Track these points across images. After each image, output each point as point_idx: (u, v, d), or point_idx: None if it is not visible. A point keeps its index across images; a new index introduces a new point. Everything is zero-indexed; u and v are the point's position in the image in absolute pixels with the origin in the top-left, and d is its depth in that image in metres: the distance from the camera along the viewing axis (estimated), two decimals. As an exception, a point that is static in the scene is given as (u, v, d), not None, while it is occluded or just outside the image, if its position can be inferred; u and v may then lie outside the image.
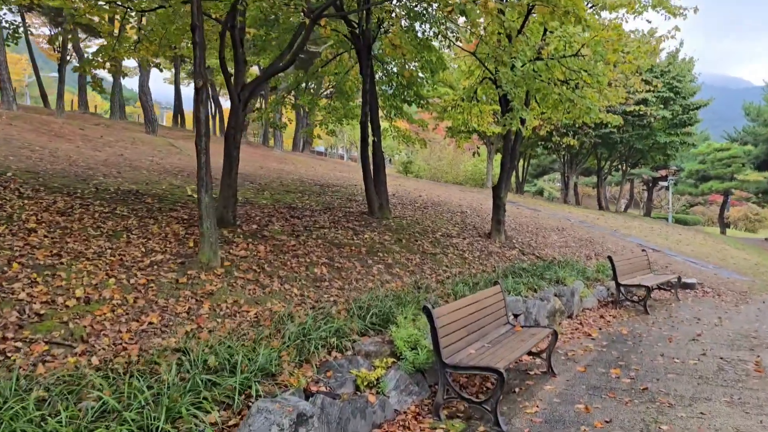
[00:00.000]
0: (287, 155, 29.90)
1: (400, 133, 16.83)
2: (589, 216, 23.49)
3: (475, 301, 5.91)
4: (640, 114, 25.35)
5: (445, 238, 12.22)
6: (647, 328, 8.97)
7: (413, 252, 10.46)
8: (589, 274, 11.91)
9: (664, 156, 32.23)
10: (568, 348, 7.64)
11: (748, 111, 39.22)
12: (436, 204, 17.54)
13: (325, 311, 6.29)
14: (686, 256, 17.31)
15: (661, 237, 20.75)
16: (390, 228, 11.99)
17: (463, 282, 9.03)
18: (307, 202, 13.72)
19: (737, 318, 9.94)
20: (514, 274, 10.27)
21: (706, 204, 69.04)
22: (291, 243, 9.24)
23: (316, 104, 16.17)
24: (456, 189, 25.83)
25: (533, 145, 33.54)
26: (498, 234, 13.31)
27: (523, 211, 20.14)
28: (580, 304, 10.25)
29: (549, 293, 9.44)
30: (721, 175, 48.14)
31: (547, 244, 14.49)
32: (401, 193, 19.39)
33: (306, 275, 7.80)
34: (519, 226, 15.99)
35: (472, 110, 15.85)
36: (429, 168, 57.02)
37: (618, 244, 16.94)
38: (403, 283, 8.57)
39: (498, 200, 13.30)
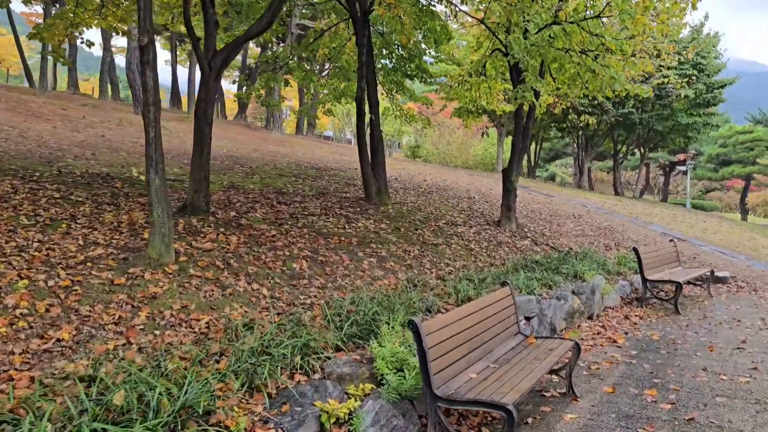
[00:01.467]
0: (287, 138, 28.78)
1: (402, 111, 15.70)
2: (606, 202, 22.23)
3: (477, 308, 4.78)
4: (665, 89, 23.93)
5: (449, 227, 11.08)
6: (681, 333, 7.81)
7: (412, 243, 9.33)
8: (609, 267, 10.75)
9: (684, 138, 30.78)
10: (590, 359, 6.50)
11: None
12: (442, 189, 16.38)
13: (295, 318, 5.19)
14: (715, 246, 16.07)
15: (685, 225, 19.47)
16: (388, 215, 10.86)
17: (467, 278, 7.91)
18: (299, 187, 12.62)
19: (783, 319, 8.76)
20: (526, 268, 9.13)
21: (724, 189, 67.47)
22: (271, 233, 8.14)
23: (312, 81, 14.98)
24: (464, 173, 24.63)
25: (546, 127, 32.21)
26: (508, 222, 12.14)
27: (535, 197, 18.93)
28: (601, 303, 9.10)
29: (566, 291, 8.30)
30: (743, 159, 46.58)
31: (562, 232, 13.31)
32: (404, 176, 18.24)
33: (282, 272, 6.70)
34: (531, 213, 14.81)
35: (481, 86, 14.65)
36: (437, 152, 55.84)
37: (640, 233, 15.73)
38: (397, 279, 7.46)
39: (508, 184, 12.12)
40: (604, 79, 9.45)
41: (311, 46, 14.13)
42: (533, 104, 11.35)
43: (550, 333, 7.41)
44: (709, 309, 9.55)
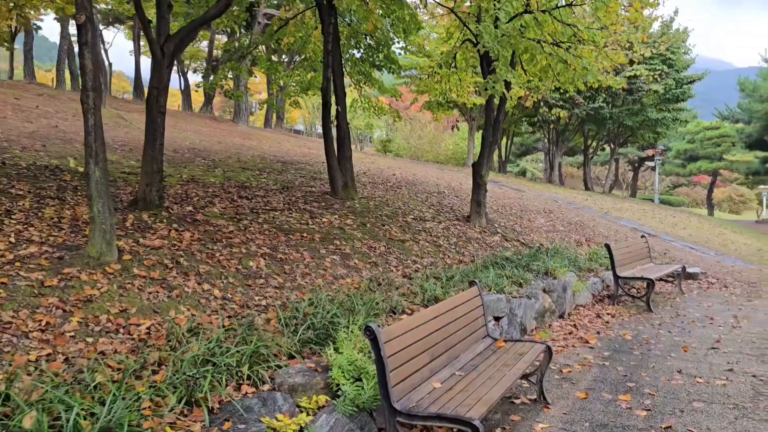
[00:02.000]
0: (254, 131, 28.15)
1: (370, 104, 15.32)
2: (576, 197, 22.18)
3: (443, 311, 4.45)
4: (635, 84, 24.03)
5: (417, 222, 10.76)
6: (654, 332, 7.61)
7: (378, 239, 8.98)
8: (581, 264, 10.55)
9: (654, 134, 30.99)
10: (562, 361, 6.23)
11: (744, 86, 38.15)
12: (411, 183, 16.06)
13: (247, 322, 4.80)
14: (684, 242, 16.07)
15: (655, 220, 19.49)
16: (354, 210, 10.50)
17: (434, 277, 7.60)
18: (263, 181, 12.17)
19: (756, 317, 8.63)
20: (496, 265, 8.86)
21: (690, 185, 68.66)
22: (228, 229, 7.72)
23: (277, 72, 14.50)
24: (434, 168, 24.37)
25: (517, 121, 32.13)
26: (478, 217, 11.88)
27: (506, 192, 18.75)
28: (572, 301, 8.87)
29: (537, 289, 8.05)
30: (710, 155, 47.35)
31: (533, 228, 13.10)
32: (373, 171, 17.88)
33: (237, 270, 6.29)
34: (502, 208, 14.58)
35: (451, 78, 14.37)
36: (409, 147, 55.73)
37: (611, 228, 15.63)
38: (361, 278, 7.10)
39: (478, 179, 11.85)
40: (577, 70, 9.21)
41: (276, 35, 13.66)
42: (504, 96, 11.08)
43: (521, 333, 7.14)
44: (681, 306, 9.41)
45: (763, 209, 57.58)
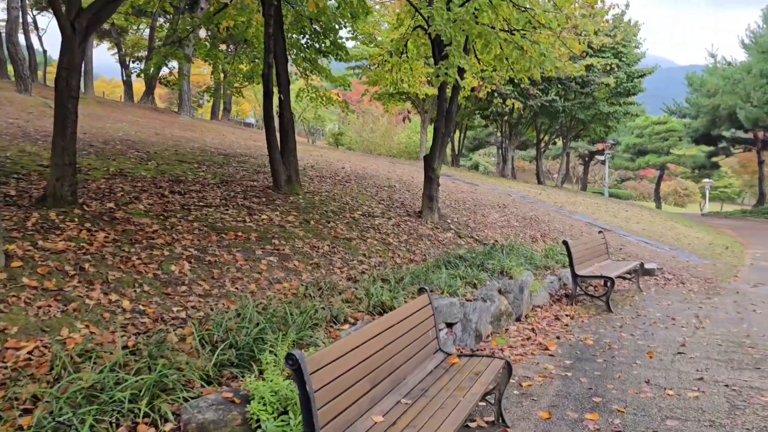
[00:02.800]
0: (198, 123, 26.98)
1: (318, 93, 14.60)
2: (530, 191, 21.91)
3: (387, 326, 3.80)
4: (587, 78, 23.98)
5: (365, 219, 10.11)
6: (616, 335, 7.15)
7: (322, 237, 8.29)
8: (537, 261, 10.09)
9: (605, 127, 31.13)
10: (521, 372, 5.68)
11: (691, 81, 38.75)
12: (361, 177, 15.40)
13: (156, 340, 4.06)
14: (639, 236, 15.88)
15: (609, 214, 19.34)
16: (297, 206, 9.77)
17: (382, 279, 6.95)
18: (201, 175, 11.31)
19: (717, 316, 8.30)
20: (449, 264, 8.29)
21: (638, 179, 70.23)
22: (152, 228, 6.91)
23: (217, 58, 13.60)
24: (386, 161, 23.76)
25: (470, 114, 31.79)
26: (430, 213, 11.30)
27: (459, 186, 18.27)
28: (529, 302, 8.37)
29: (492, 290, 7.50)
30: (658, 149, 48.23)
31: (487, 223, 12.62)
32: (322, 164, 17.13)
33: (155, 276, 5.52)
34: (455, 203, 14.06)
35: (402, 67, 13.74)
36: (361, 140, 55.11)
37: (565, 223, 15.31)
38: (300, 282, 6.41)
39: (430, 172, 11.28)
40: (533, 57, 8.70)
41: (215, 18, 12.75)
42: (457, 84, 10.53)
43: (476, 340, 6.57)
44: (641, 305, 9.03)
45: (706, 202, 59.29)
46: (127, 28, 36.94)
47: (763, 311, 8.68)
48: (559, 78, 25.38)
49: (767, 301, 9.53)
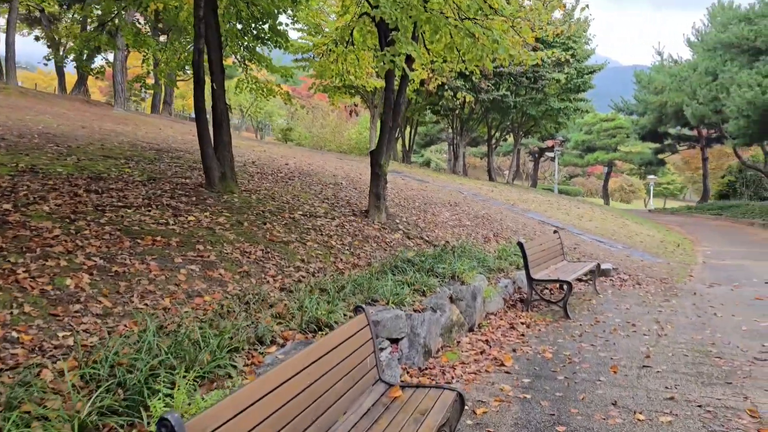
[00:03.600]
0: (134, 116, 25.60)
1: (258, 84, 13.74)
2: (482, 188, 21.49)
3: (312, 360, 3.08)
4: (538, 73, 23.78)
5: (306, 219, 9.35)
6: (576, 346, 6.61)
7: (255, 241, 7.50)
8: (490, 263, 9.54)
9: (555, 124, 31.10)
10: (475, 395, 5.04)
11: (639, 78, 39.21)
12: (306, 174, 14.60)
13: (17, 381, 3.24)
14: (592, 234, 15.58)
15: (561, 212, 19.06)
16: (231, 206, 8.95)
17: (321, 288, 6.23)
18: (127, 171, 10.34)
19: (679, 321, 7.88)
20: (396, 269, 7.63)
21: (585, 175, 71.40)
22: (53, 233, 6.01)
23: (146, 44, 12.55)
24: (334, 157, 22.98)
25: (421, 109, 31.27)
26: (377, 212, 10.62)
27: (409, 183, 17.66)
28: (483, 309, 7.78)
29: (443, 298, 6.86)
30: (606, 145, 48.87)
31: (437, 223, 12.01)
32: (264, 160, 16.24)
33: (41, 293, 4.65)
34: (404, 201, 13.42)
35: (348, 57, 13.03)
36: (311, 136, 54.27)
37: (518, 222, 14.86)
38: (225, 294, 5.63)
39: (377, 169, 10.60)
40: (485, 44, 8.09)
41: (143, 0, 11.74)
42: (405, 75, 9.88)
43: (424, 357, 5.91)
44: (598, 310, 8.56)
45: (650, 198, 60.60)
46: (60, 16, 35.03)
47: (724, 315, 8.32)
48: (511, 73, 25.10)
49: (726, 303, 9.21)
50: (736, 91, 22.05)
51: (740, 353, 6.37)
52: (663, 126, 38.59)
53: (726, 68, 24.15)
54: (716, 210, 33.25)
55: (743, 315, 8.31)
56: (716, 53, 26.58)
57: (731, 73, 23.49)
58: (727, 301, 9.36)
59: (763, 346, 6.65)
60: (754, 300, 9.46)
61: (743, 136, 24.66)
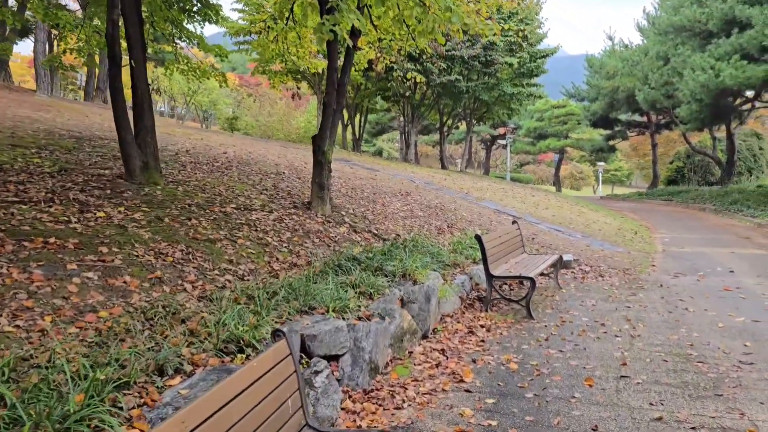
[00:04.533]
0: (59, 103, 23.82)
1: (190, 65, 12.65)
2: (434, 176, 20.76)
3: (216, 407, 2.18)
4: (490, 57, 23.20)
5: (240, 213, 8.38)
6: (543, 353, 5.88)
7: (176, 240, 6.50)
8: (445, 258, 8.77)
9: (508, 110, 30.65)
10: (429, 424, 4.23)
11: (591, 63, 39.13)
12: (245, 163, 13.55)
13: None
14: (550, 224, 15.02)
15: (517, 200, 18.49)
16: (152, 199, 7.90)
17: (249, 295, 5.32)
18: (35, 161, 9.14)
19: (650, 319, 7.27)
20: (339, 268, 6.78)
21: (536, 163, 71.91)
22: None
23: (56, 18, 11.27)
24: (278, 145, 21.86)
25: (370, 95, 30.36)
26: (321, 204, 9.72)
27: (358, 172, 16.77)
28: (438, 312, 6.99)
29: (392, 302, 6.05)
30: (558, 132, 48.97)
31: (387, 214, 11.18)
32: (201, 149, 15.08)
33: None
34: (352, 191, 12.53)
35: (288, 35, 12.09)
36: (258, 125, 52.92)
37: (473, 211, 14.16)
38: (127, 307, 4.65)
39: (320, 155, 9.70)
40: (438, 14, 7.25)
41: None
42: (350, 51, 9.00)
43: (370, 375, 5.06)
44: (563, 307, 7.88)
45: (599, 185, 61.32)
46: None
47: (696, 310, 7.75)
48: (462, 56, 24.41)
49: (695, 295, 8.68)
50: (690, 75, 21.90)
51: (723, 356, 5.75)
52: (614, 112, 38.68)
53: (679, 51, 24.03)
54: (667, 196, 33.49)
55: (716, 309, 7.76)
56: (667, 37, 26.51)
57: (684, 56, 23.38)
58: (696, 293, 8.83)
59: (746, 347, 6.07)
60: (723, 291, 8.97)
61: (695, 120, 24.67)
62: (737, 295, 8.65)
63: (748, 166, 38.05)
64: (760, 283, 9.68)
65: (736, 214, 22.10)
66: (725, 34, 22.26)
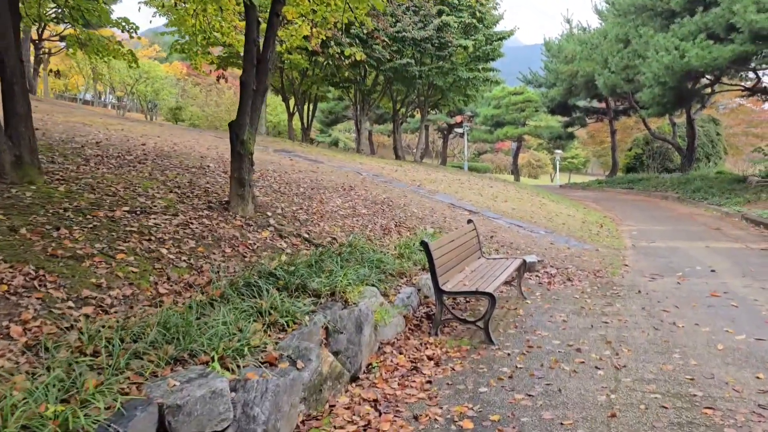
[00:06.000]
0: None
1: (100, 44, 10.95)
2: (385, 168, 19.36)
3: None
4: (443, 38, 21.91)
5: (133, 218, 6.82)
6: (506, 400, 4.54)
7: (24, 259, 4.94)
8: (388, 266, 7.43)
9: (464, 96, 29.40)
10: None
11: (549, 47, 38.24)
12: (165, 156, 11.92)
13: None
14: (510, 218, 13.79)
15: (473, 192, 17.22)
16: (17, 203, 6.30)
17: (107, 338, 3.82)
18: None
19: (634, 340, 6.03)
20: (249, 288, 5.37)
21: (494, 152, 71.33)
22: None
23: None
24: (211, 136, 20.13)
25: (318, 82, 28.75)
26: (241, 203, 8.23)
27: (298, 164, 15.25)
28: (374, 342, 5.60)
29: (313, 334, 4.68)
30: (516, 120, 48.14)
31: (325, 213, 9.74)
32: (116, 140, 13.36)
33: None
34: (286, 187, 11.04)
35: (208, 7, 10.56)
36: (204, 115, 50.91)
37: (425, 207, 12.82)
38: None
39: (239, 146, 8.21)
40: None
41: None
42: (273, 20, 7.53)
43: (268, 453, 3.64)
44: (528, 325, 6.59)
45: (557, 173, 60.98)
46: None
47: (686, 325, 6.56)
48: (414, 38, 23.00)
49: (680, 304, 7.51)
50: (654, 56, 20.97)
51: (736, 397, 4.52)
52: (573, 98, 37.90)
53: (641, 32, 23.11)
54: (627, 184, 32.87)
55: (708, 323, 6.59)
56: (628, 18, 25.64)
57: (646, 37, 22.46)
58: (681, 301, 7.67)
59: (759, 380, 4.87)
60: (710, 298, 7.84)
61: (657, 105, 23.86)
62: (728, 303, 7.52)
63: (707, 152, 37.84)
64: (748, 285, 8.60)
65: (700, 203, 21.37)
66: (689, 13, 21.50)
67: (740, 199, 19.46)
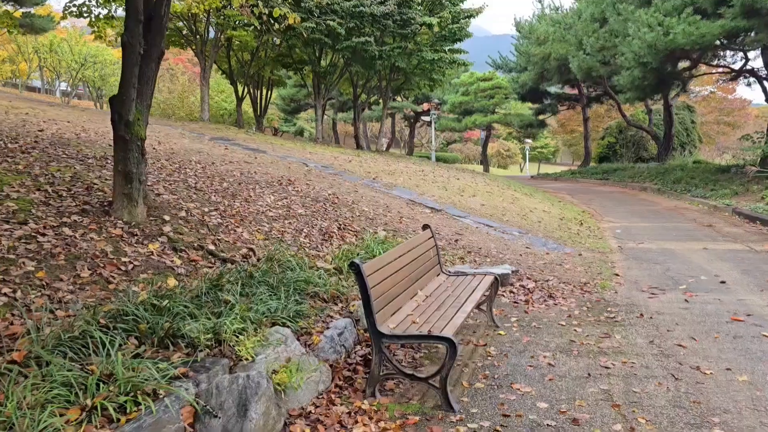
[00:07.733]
0: None
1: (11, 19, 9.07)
2: (338, 158, 17.48)
3: None
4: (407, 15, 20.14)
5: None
6: None
7: None
8: (320, 286, 5.68)
9: (429, 81, 27.62)
10: None
11: (520, 28, 36.66)
12: (63, 144, 9.93)
13: None
14: (479, 216, 12.08)
15: (437, 186, 15.45)
16: None
17: None
18: None
19: (650, 398, 4.37)
20: (82, 341, 3.52)
21: (463, 141, 69.90)
22: None
23: None
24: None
25: (271, 64, 26.67)
26: (128, 204, 6.36)
27: (233, 154, 13.31)
28: (273, 420, 3.80)
29: (167, 422, 2.84)
30: (485, 107, 46.60)
31: (248, 215, 7.89)
32: (11, 125, 11.31)
33: None
34: (206, 181, 9.14)
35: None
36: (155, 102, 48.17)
37: (379, 204, 11.03)
38: None
39: (123, 129, 6.34)
40: None
41: None
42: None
43: None
44: (502, 374, 4.86)
45: (527, 163, 59.79)
46: None
47: (713, 369, 4.92)
48: (373, 14, 21.12)
49: (698, 335, 5.88)
50: (635, 33, 19.46)
51: None
52: (545, 83, 36.41)
53: (620, 8, 21.58)
54: (601, 174, 31.53)
55: (745, 367, 4.96)
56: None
57: (626, 14, 20.95)
58: (696, 329, 6.04)
59: None
60: (732, 324, 6.24)
61: (636, 89, 22.43)
62: (757, 332, 5.92)
63: (681, 140, 36.73)
64: (772, 303, 7.03)
65: (683, 195, 19.99)
66: (673, -14, 19.97)
67: (727, 191, 18.12)
